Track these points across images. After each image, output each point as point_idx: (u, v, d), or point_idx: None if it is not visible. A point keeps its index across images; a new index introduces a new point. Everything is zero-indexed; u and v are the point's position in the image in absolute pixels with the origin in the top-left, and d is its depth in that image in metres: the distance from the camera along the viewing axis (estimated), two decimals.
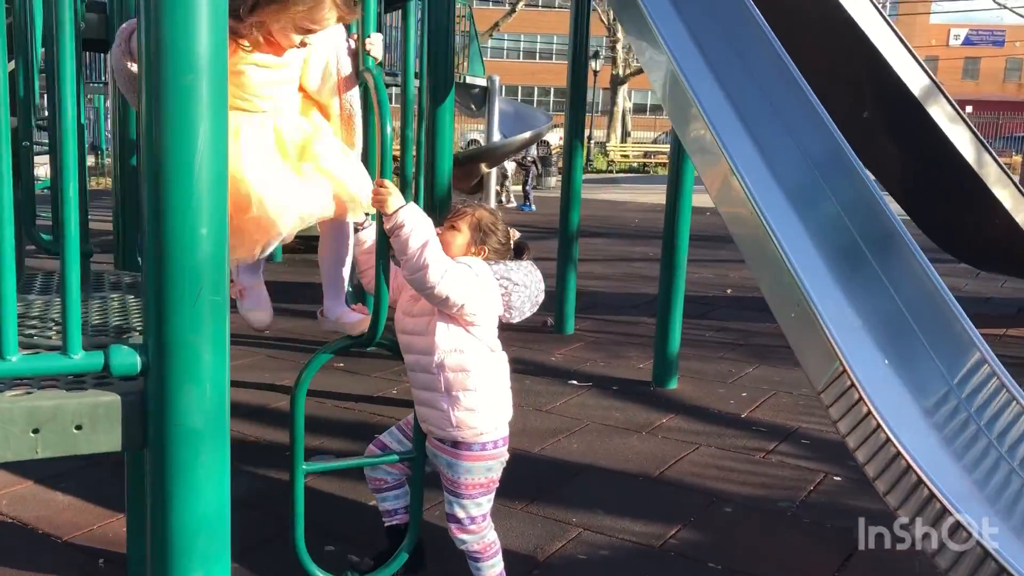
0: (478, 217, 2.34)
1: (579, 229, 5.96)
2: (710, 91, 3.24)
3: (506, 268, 2.31)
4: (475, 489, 2.32)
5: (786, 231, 2.73)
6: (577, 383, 4.79)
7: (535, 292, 2.37)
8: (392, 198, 2.03)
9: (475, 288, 2.19)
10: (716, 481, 3.47)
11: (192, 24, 1.31)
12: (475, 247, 2.32)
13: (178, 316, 1.36)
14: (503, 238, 2.37)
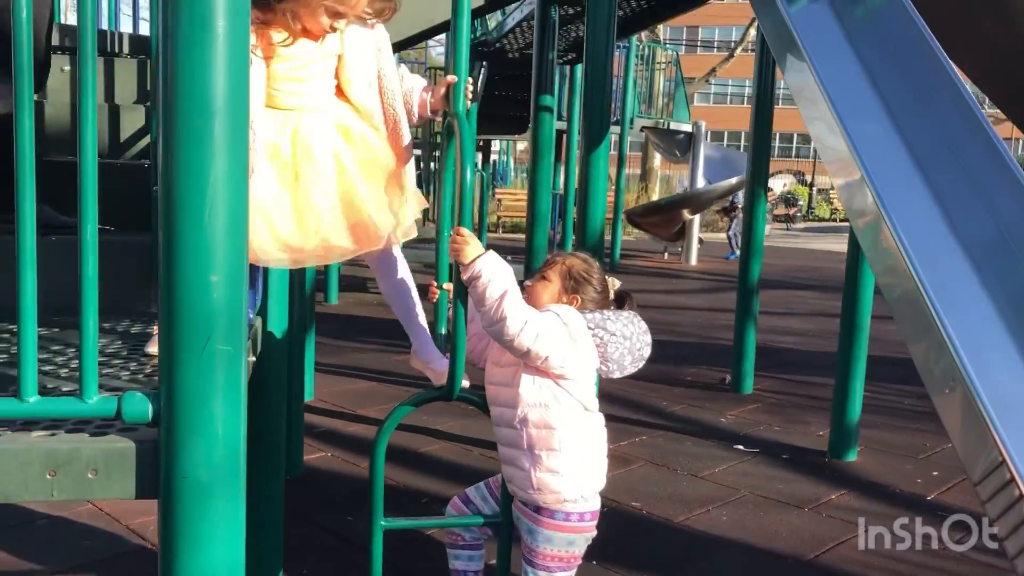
0: (568, 265, 2.20)
1: (760, 281, 5.60)
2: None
3: (602, 317, 2.13)
4: (553, 561, 2.13)
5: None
6: (744, 448, 4.45)
7: (638, 344, 2.17)
8: (469, 247, 1.93)
9: (561, 338, 2.02)
10: (880, 572, 3.05)
11: (208, 65, 1.28)
12: (566, 297, 2.18)
13: (186, 365, 1.32)
14: (599, 286, 2.21)
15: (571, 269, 2.19)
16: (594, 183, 3.98)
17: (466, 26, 2.00)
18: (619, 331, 2.12)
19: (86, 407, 1.36)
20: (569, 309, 2.13)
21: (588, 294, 2.19)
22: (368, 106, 2.01)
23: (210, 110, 1.29)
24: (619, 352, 2.13)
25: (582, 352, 2.08)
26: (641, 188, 27.73)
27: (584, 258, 2.26)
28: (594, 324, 2.11)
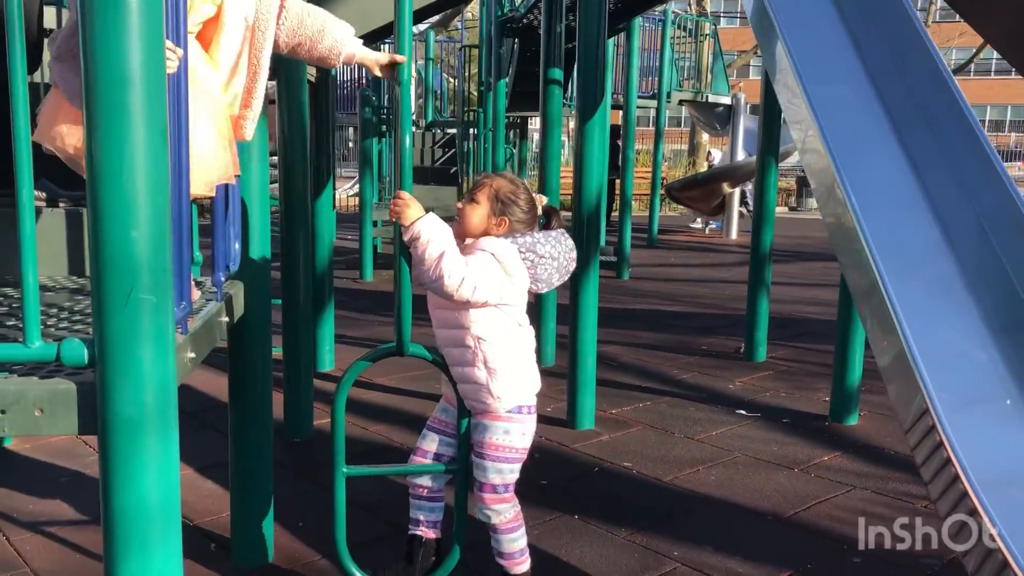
0: (496, 187, 2.30)
1: (772, 250, 5.61)
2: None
3: (532, 241, 2.27)
4: (493, 450, 2.34)
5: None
6: (745, 413, 4.51)
7: (564, 262, 2.33)
8: (409, 210, 2.05)
9: (498, 281, 2.20)
10: (849, 527, 3.11)
11: (122, 38, 1.40)
12: (495, 218, 2.29)
13: (113, 314, 1.46)
14: (526, 206, 2.32)
15: (498, 191, 2.29)
16: (588, 155, 4.05)
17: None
18: (548, 252, 2.27)
19: (29, 351, 1.51)
20: (502, 244, 2.25)
21: (516, 214, 2.29)
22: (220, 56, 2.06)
23: (126, 81, 1.42)
24: (547, 272, 2.29)
25: (517, 283, 2.26)
26: (689, 163, 27.50)
27: (511, 179, 2.35)
28: (525, 248, 2.25)
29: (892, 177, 2.66)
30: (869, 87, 3.04)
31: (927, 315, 2.20)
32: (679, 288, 8.97)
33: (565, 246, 2.33)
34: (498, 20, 8.95)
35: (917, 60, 2.90)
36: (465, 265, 2.13)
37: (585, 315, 4.20)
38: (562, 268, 2.33)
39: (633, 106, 10.16)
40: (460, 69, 13.19)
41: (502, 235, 2.28)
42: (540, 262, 2.26)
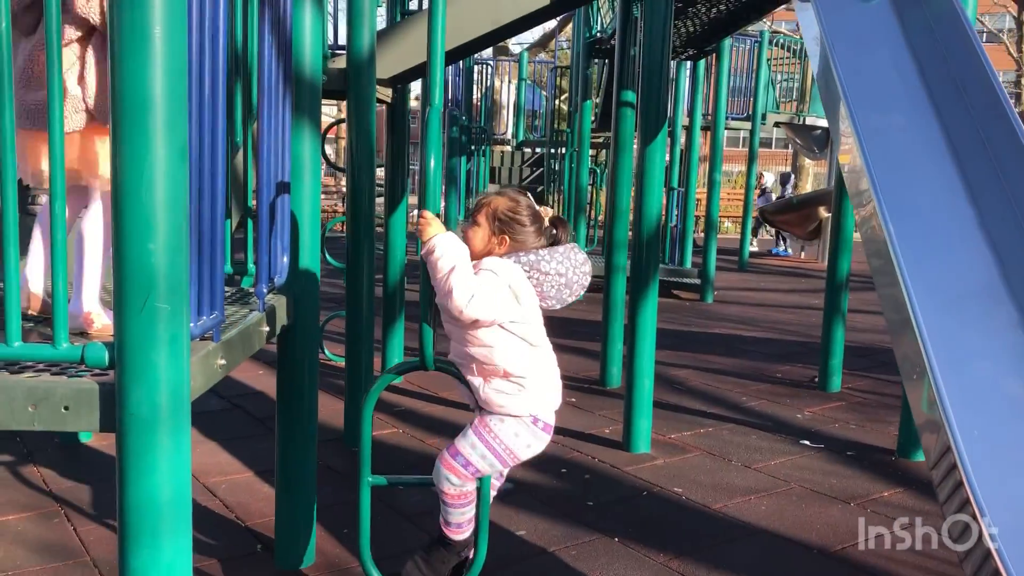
0: (494, 207, 2.30)
1: (850, 277, 5.47)
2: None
3: (536, 259, 2.26)
4: (495, 440, 2.32)
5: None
6: (809, 444, 4.40)
7: (575, 277, 2.31)
8: (430, 228, 2.11)
9: (506, 302, 2.20)
10: (908, 569, 3.00)
11: (145, 65, 1.51)
12: (496, 237, 2.29)
13: (130, 320, 1.57)
14: (528, 221, 2.30)
15: (496, 210, 2.29)
16: (649, 177, 4.06)
17: (441, 23, 2.16)
18: (553, 269, 2.25)
19: (57, 352, 1.64)
20: (505, 264, 2.24)
21: (517, 232, 2.28)
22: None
23: (148, 104, 1.53)
24: (555, 288, 2.27)
25: (525, 303, 2.25)
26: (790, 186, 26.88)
27: (511, 196, 2.32)
28: (528, 267, 2.24)
29: (944, 207, 2.59)
30: (930, 112, 2.96)
31: (962, 352, 2.14)
32: (762, 313, 8.81)
33: (574, 260, 2.31)
34: (586, 42, 9.01)
35: (976, 83, 2.81)
36: (477, 284, 2.15)
37: (642, 337, 4.19)
38: (572, 284, 2.31)
39: (721, 128, 10.04)
40: (551, 90, 13.30)
41: (505, 254, 2.29)
42: (546, 279, 2.25)
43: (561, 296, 2.31)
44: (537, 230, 2.32)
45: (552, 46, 20.76)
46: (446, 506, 2.42)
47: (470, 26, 3.98)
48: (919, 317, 2.15)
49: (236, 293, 2.76)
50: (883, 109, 2.83)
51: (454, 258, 2.12)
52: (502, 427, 2.31)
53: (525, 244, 2.29)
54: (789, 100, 14.64)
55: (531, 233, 2.30)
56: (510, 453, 2.34)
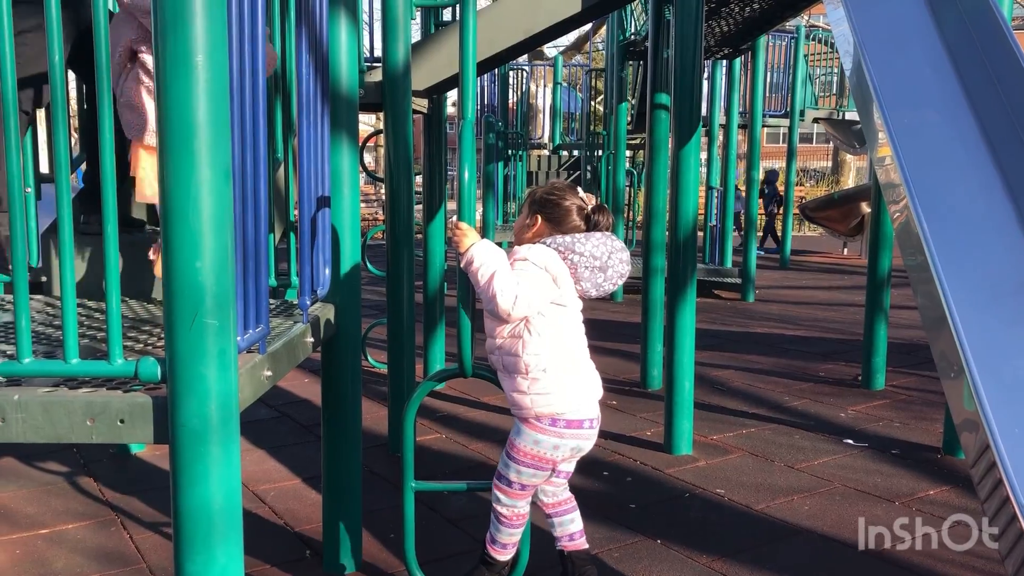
0: (535, 192, 2.38)
1: (892, 273, 5.41)
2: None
3: (571, 240, 2.28)
4: (520, 455, 2.34)
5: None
6: (852, 443, 4.37)
7: (612, 262, 2.29)
8: (466, 238, 2.16)
9: (546, 288, 2.22)
10: (953, 568, 2.98)
11: (189, 91, 1.58)
12: (530, 218, 2.36)
13: (180, 336, 1.64)
14: (564, 202, 2.34)
15: (534, 194, 2.38)
16: (684, 179, 4.07)
17: (472, 38, 2.21)
18: (588, 251, 2.25)
19: (112, 368, 1.71)
20: (537, 249, 2.27)
21: (553, 211, 2.33)
22: None
23: (192, 128, 1.59)
24: (589, 271, 2.26)
25: (563, 287, 2.27)
26: (832, 181, 26.56)
27: (552, 183, 2.40)
28: (563, 248, 2.26)
29: (980, 203, 2.57)
30: (965, 107, 2.94)
31: (1000, 349, 2.13)
32: (805, 311, 8.74)
33: (611, 247, 2.30)
34: (620, 44, 9.02)
35: (1012, 77, 2.79)
36: (517, 284, 2.20)
37: (681, 338, 4.20)
38: (607, 268, 2.29)
39: (758, 125, 9.98)
40: (586, 92, 13.32)
41: (538, 235, 2.33)
42: (580, 261, 2.25)
43: (596, 280, 2.29)
44: (576, 212, 2.33)
45: (587, 48, 20.77)
46: (496, 523, 2.47)
47: (503, 36, 4.03)
48: (955, 314, 2.15)
49: (280, 305, 2.83)
50: (916, 106, 2.82)
51: (492, 264, 2.17)
52: (520, 438, 2.34)
53: (561, 225, 2.31)
54: (828, 95, 14.50)
55: (567, 214, 2.33)
56: (541, 459, 2.36)
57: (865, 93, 2.82)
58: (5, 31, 1.66)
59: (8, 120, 1.68)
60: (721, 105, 10.44)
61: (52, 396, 1.72)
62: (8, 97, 1.65)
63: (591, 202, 2.37)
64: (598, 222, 2.35)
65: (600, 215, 2.35)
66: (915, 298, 2.41)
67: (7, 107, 1.65)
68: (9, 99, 1.65)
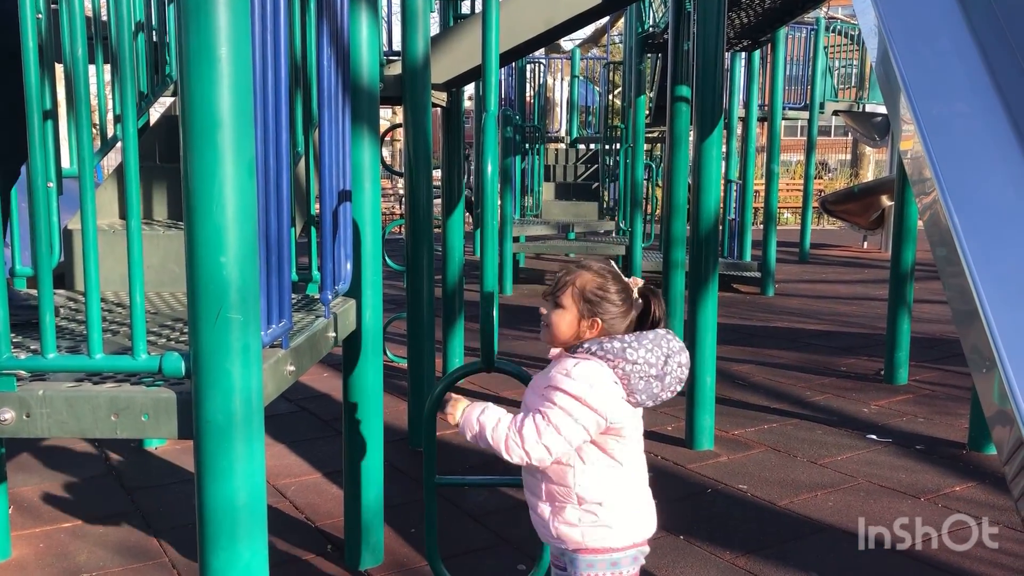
0: (581, 286, 1.93)
1: (915, 267, 5.35)
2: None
3: (622, 346, 1.86)
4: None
5: None
6: (876, 438, 4.33)
7: (671, 367, 1.88)
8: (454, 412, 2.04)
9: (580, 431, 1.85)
10: (980, 565, 2.94)
11: (213, 84, 1.57)
12: (586, 322, 1.92)
13: (204, 331, 1.63)
14: (619, 298, 1.92)
15: (583, 290, 1.92)
16: (706, 172, 4.03)
17: (495, 30, 2.19)
18: (642, 358, 1.85)
19: (136, 363, 1.70)
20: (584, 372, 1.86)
21: (608, 312, 1.91)
22: None
23: (216, 122, 1.58)
24: (645, 382, 1.86)
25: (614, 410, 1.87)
26: (851, 174, 26.37)
27: (597, 270, 1.95)
28: (613, 356, 1.86)
29: (1011, 195, 2.53)
30: (995, 99, 2.89)
31: None
32: (825, 305, 8.66)
33: (669, 348, 1.89)
34: (639, 36, 8.96)
35: None
36: (537, 438, 1.85)
37: (703, 333, 4.17)
38: (664, 376, 1.87)
39: (778, 118, 9.90)
40: (604, 85, 13.26)
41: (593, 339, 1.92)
42: (633, 371, 1.85)
43: (651, 391, 1.87)
44: (627, 304, 1.94)
45: (604, 41, 20.68)
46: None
47: (523, 28, 4.00)
48: (987, 307, 2.11)
49: (302, 300, 2.82)
50: (945, 97, 2.77)
51: (490, 435, 1.91)
52: (593, 571, 1.94)
53: (615, 326, 1.92)
54: (848, 87, 14.36)
55: (621, 313, 1.93)
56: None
57: (893, 84, 2.77)
58: (29, 29, 1.65)
59: (32, 117, 1.67)
60: (740, 98, 10.37)
61: (76, 391, 1.72)
62: (32, 93, 1.64)
63: (636, 285, 1.98)
64: (653, 313, 1.96)
65: (654, 301, 1.96)
66: (944, 292, 2.37)
67: (31, 104, 1.64)
68: (33, 96, 1.64)
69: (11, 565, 2.96)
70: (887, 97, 2.89)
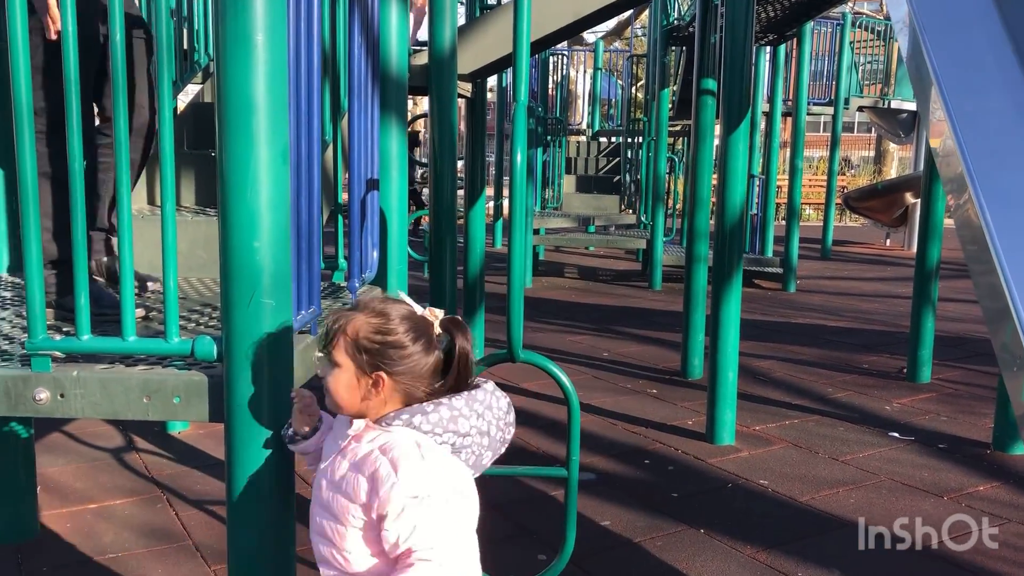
0: (352, 334, 1.44)
1: (940, 264, 5.30)
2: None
3: (450, 416, 1.42)
4: None
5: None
6: (899, 436, 4.30)
7: (497, 434, 1.49)
8: None
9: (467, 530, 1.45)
10: (1004, 565, 2.93)
11: (248, 71, 1.58)
12: (366, 379, 1.43)
13: (237, 315, 1.64)
14: (410, 340, 1.43)
15: (356, 339, 1.43)
16: (732, 166, 4.02)
17: (526, 19, 2.19)
18: (474, 428, 1.44)
19: (168, 346, 1.72)
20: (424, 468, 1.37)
21: (399, 361, 1.42)
22: None
23: (251, 108, 1.59)
24: (477, 452, 1.47)
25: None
26: (874, 171, 26.15)
27: (373, 309, 1.46)
28: (441, 429, 1.42)
29: None
30: None
31: None
32: (847, 302, 8.61)
33: (498, 408, 1.49)
34: (663, 29, 8.92)
35: None
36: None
37: (726, 328, 4.15)
38: (495, 443, 1.50)
39: (803, 113, 9.84)
40: (627, 78, 13.21)
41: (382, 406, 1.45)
42: (464, 443, 1.44)
43: (480, 463, 1.49)
44: (426, 345, 1.44)
45: (627, 34, 20.60)
46: None
47: (551, 19, 4.00)
48: (1019, 306, 2.09)
49: (328, 288, 2.84)
50: (978, 92, 2.74)
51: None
52: None
53: (418, 377, 1.44)
54: (873, 83, 14.23)
55: (418, 356, 1.43)
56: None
57: (924, 78, 2.75)
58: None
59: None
60: (764, 92, 10.31)
61: (110, 373, 1.73)
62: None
63: (436, 318, 1.48)
64: (461, 352, 1.46)
65: (458, 335, 1.47)
66: (975, 290, 2.35)
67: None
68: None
69: (38, 544, 3.00)
70: (918, 92, 2.87)
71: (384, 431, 1.43)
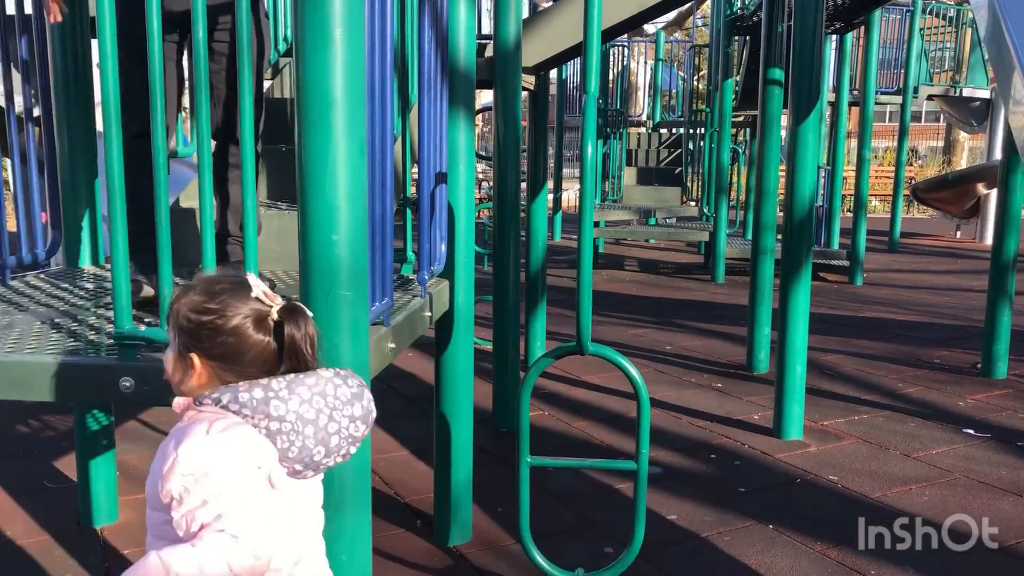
0: (177, 310, 1.36)
1: (1016, 257, 5.14)
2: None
3: (264, 397, 1.31)
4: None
5: None
6: (974, 433, 4.19)
7: (333, 426, 1.35)
8: None
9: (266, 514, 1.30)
10: None
11: (327, 65, 1.60)
12: (182, 361, 1.36)
13: (316, 307, 1.67)
14: (231, 326, 1.32)
15: (178, 316, 1.35)
16: (802, 157, 3.95)
17: (597, 11, 2.18)
18: (292, 413, 1.32)
19: None
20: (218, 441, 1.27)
21: (214, 345, 1.33)
22: None
23: (329, 102, 1.62)
24: (300, 443, 1.32)
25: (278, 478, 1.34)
26: (943, 161, 25.47)
27: (204, 288, 1.36)
28: (250, 411, 1.31)
29: None
30: None
31: None
32: (916, 296, 8.41)
33: (332, 399, 1.35)
34: (727, 19, 8.80)
35: None
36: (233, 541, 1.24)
37: (794, 321, 4.09)
38: (330, 438, 1.35)
39: (871, 103, 9.62)
40: (689, 69, 13.07)
41: (201, 388, 1.35)
42: (279, 433, 1.31)
43: (310, 457, 1.34)
44: (248, 333, 1.33)
45: (688, 24, 20.38)
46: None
47: (614, 12, 3.97)
48: None
49: (396, 280, 2.87)
50: None
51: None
52: None
53: (239, 363, 1.34)
54: (942, 71, 13.84)
55: (236, 342, 1.33)
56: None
57: (1006, 61, 2.67)
58: (155, 33, 1.71)
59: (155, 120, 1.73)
60: (830, 82, 10.10)
61: None
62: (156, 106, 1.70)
63: (275, 304, 1.36)
64: (294, 341, 1.34)
65: (291, 327, 1.35)
66: None
67: (155, 120, 1.70)
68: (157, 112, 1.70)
69: (119, 528, 3.10)
70: (999, 75, 2.79)
71: (197, 411, 1.34)
